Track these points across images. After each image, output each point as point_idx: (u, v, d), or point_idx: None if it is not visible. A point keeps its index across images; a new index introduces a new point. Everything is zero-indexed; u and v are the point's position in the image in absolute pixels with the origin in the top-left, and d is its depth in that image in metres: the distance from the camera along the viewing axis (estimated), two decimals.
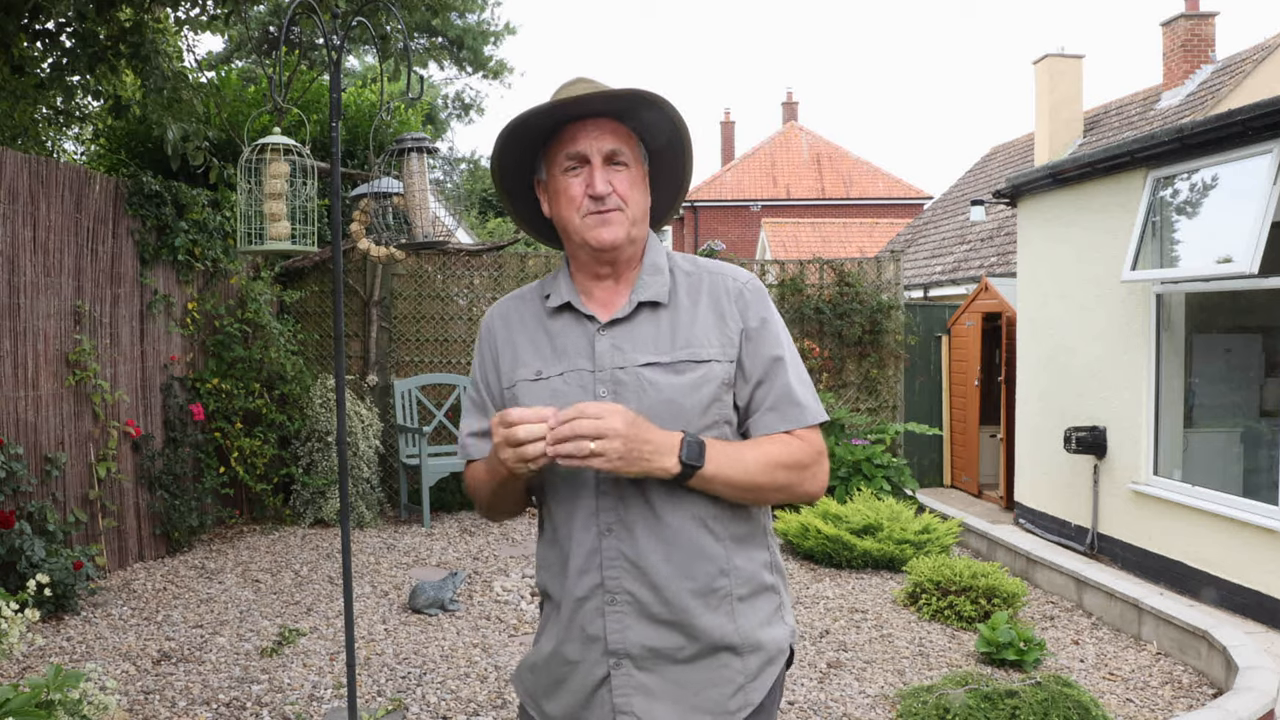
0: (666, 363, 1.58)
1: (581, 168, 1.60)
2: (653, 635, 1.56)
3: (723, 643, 1.57)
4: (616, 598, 1.56)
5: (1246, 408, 6.45)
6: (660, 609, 1.56)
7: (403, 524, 7.28)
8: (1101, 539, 6.65)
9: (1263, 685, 3.80)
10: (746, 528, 1.62)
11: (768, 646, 1.61)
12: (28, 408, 5.06)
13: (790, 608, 1.71)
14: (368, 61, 21.49)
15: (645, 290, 1.64)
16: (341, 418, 3.35)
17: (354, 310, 7.87)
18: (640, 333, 1.61)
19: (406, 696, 3.94)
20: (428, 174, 3.67)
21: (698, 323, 1.62)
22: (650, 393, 1.56)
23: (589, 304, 1.66)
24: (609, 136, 1.61)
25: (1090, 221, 6.83)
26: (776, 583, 1.67)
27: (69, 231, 5.41)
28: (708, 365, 1.58)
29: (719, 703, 1.57)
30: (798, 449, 1.60)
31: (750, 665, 1.59)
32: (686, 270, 1.68)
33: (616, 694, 1.57)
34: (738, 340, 1.61)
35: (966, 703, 3.48)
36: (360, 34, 7.59)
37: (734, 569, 1.59)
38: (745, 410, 1.62)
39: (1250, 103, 5.40)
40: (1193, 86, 14.26)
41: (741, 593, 1.60)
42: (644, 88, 1.58)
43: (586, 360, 1.61)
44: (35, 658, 4.23)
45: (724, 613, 1.57)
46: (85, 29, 5.99)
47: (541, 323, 1.68)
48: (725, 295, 1.64)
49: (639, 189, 1.64)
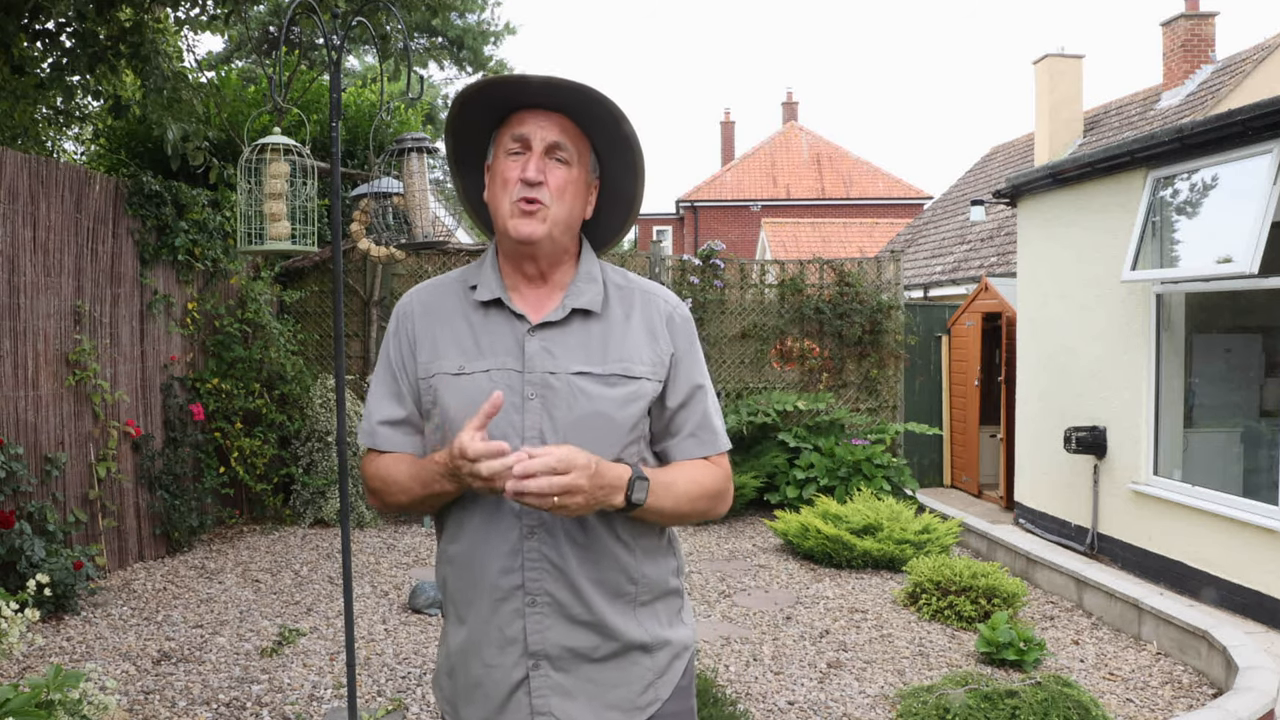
0: (599, 374, 1.56)
1: (524, 153, 1.58)
2: (571, 636, 1.58)
3: (635, 642, 1.61)
4: (537, 599, 1.56)
5: (1246, 408, 6.45)
6: (579, 610, 1.57)
7: (403, 524, 7.28)
8: (1101, 539, 6.65)
9: (1263, 685, 3.80)
10: (656, 539, 1.66)
11: (674, 644, 1.67)
12: (28, 408, 5.06)
13: (690, 609, 1.77)
14: (368, 61, 21.48)
15: (579, 297, 1.61)
16: (341, 418, 3.35)
17: (354, 310, 7.87)
18: (572, 339, 1.58)
19: (406, 696, 3.94)
20: (428, 174, 3.67)
21: (630, 338, 1.61)
22: (582, 402, 1.54)
23: (518, 302, 1.62)
24: (555, 128, 1.58)
25: (1090, 221, 6.83)
26: (680, 586, 1.72)
27: (69, 231, 5.41)
28: (639, 382, 1.58)
29: (630, 699, 1.61)
30: (719, 477, 1.65)
31: (659, 662, 1.65)
32: (618, 284, 1.67)
33: (535, 695, 1.57)
34: (667, 362, 1.61)
35: (966, 703, 3.48)
36: (360, 34, 7.59)
37: (642, 576, 1.63)
38: (663, 433, 1.64)
39: (1250, 103, 5.40)
40: (1193, 86, 14.26)
41: (645, 598, 1.64)
42: (594, 87, 1.55)
43: (514, 360, 1.57)
44: (35, 658, 4.23)
45: (629, 616, 1.61)
46: (85, 29, 5.99)
47: (465, 314, 1.64)
48: (657, 315, 1.64)
49: (574, 192, 1.60)
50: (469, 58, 19.38)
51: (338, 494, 7.13)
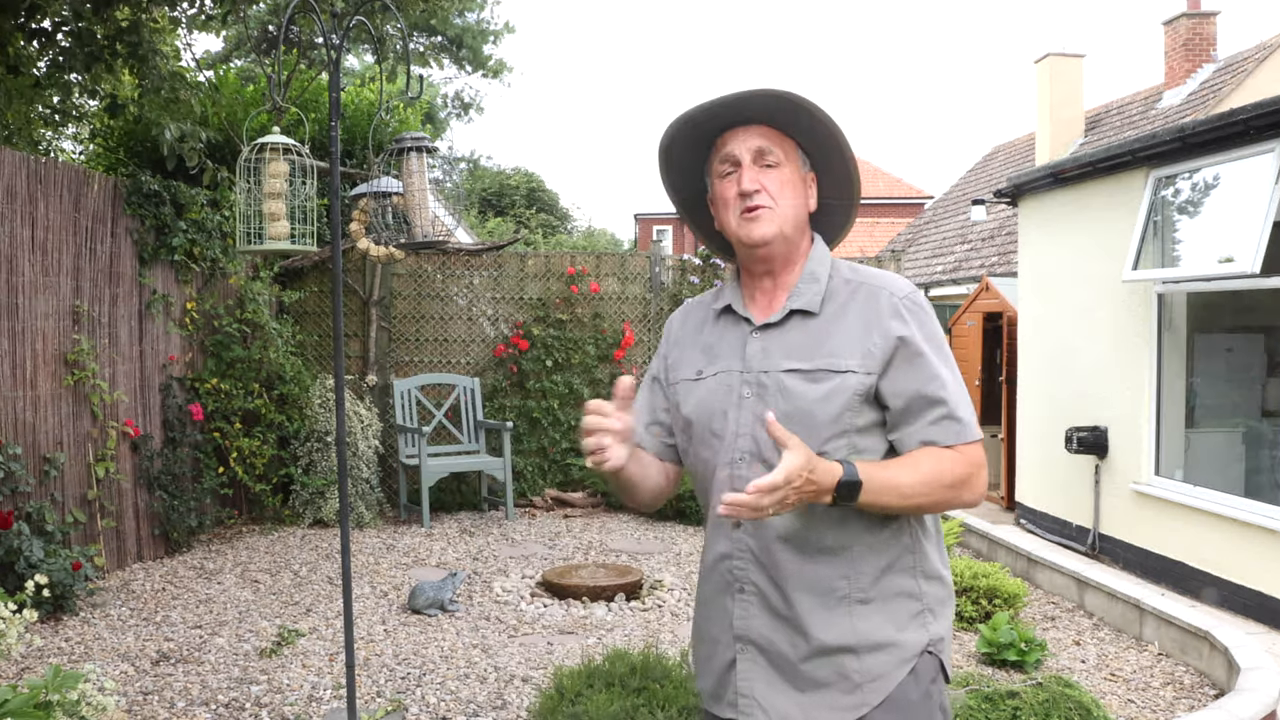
0: (806, 369, 1.62)
1: (735, 170, 1.67)
2: (773, 628, 1.63)
3: (835, 645, 1.59)
4: (745, 587, 1.65)
5: (1248, 408, 6.44)
6: (780, 603, 1.62)
7: (402, 524, 7.27)
8: (1103, 539, 6.64)
9: (1265, 686, 3.79)
10: (883, 535, 1.62)
11: (892, 649, 1.60)
12: (26, 408, 5.04)
13: (941, 615, 1.67)
14: (367, 60, 21.47)
15: (799, 298, 1.67)
16: (341, 418, 3.34)
17: (353, 310, 7.85)
18: (789, 339, 1.66)
19: (406, 697, 3.93)
20: (427, 173, 3.66)
21: (842, 332, 1.63)
22: (786, 399, 1.61)
23: (749, 306, 1.73)
24: (757, 137, 1.66)
25: (1091, 221, 6.82)
26: (918, 588, 1.64)
27: (67, 231, 5.40)
28: (843, 376, 1.60)
29: (831, 700, 1.60)
30: (959, 465, 1.60)
31: (869, 665, 1.59)
32: (846, 278, 1.70)
33: (740, 679, 1.65)
34: (883, 354, 1.60)
35: (967, 703, 3.46)
36: (359, 34, 7.58)
37: (857, 573, 1.60)
38: (897, 421, 1.62)
39: (1252, 102, 5.39)
40: (1194, 86, 14.24)
41: (863, 596, 1.61)
42: (766, 88, 1.62)
43: (737, 361, 1.69)
44: (34, 658, 4.22)
45: (838, 614, 1.60)
46: (82, 28, 5.97)
47: (707, 324, 1.78)
48: (879, 307, 1.64)
49: (792, 189, 1.68)
50: (468, 56, 19.39)
51: (337, 494, 7.13)
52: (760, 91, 1.63)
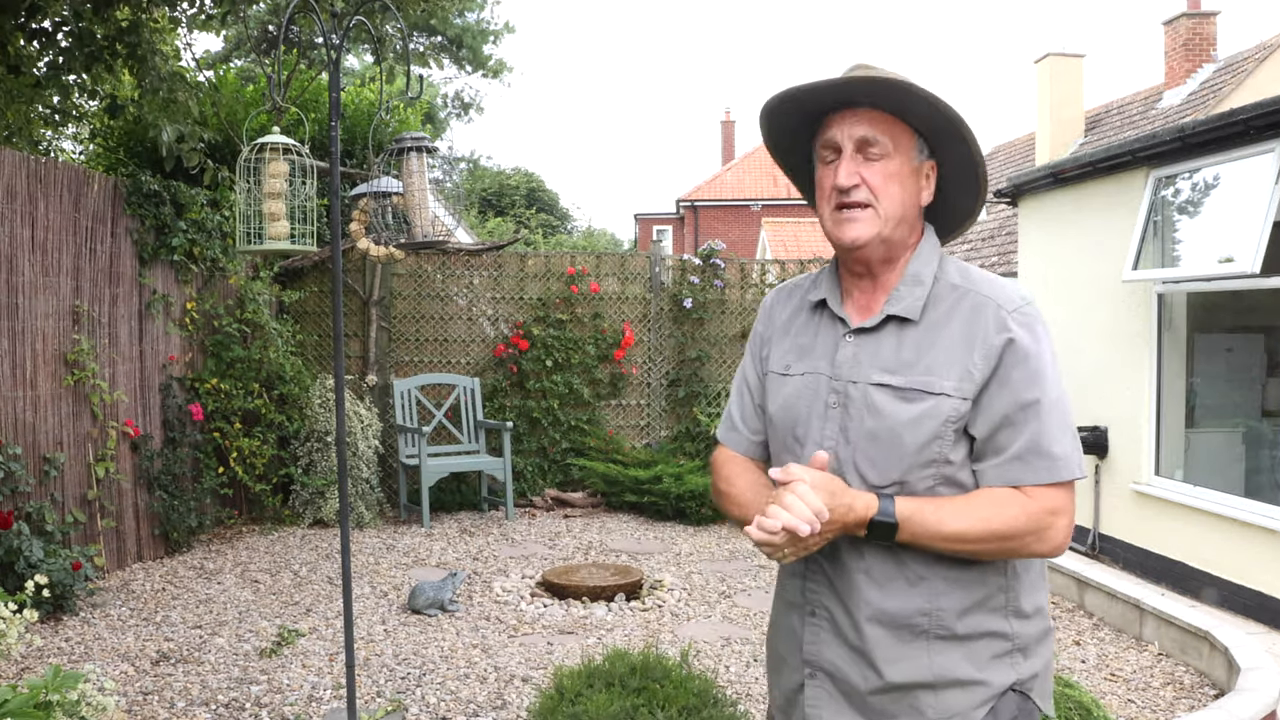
0: (897, 386, 1.48)
1: (836, 158, 1.52)
2: (843, 658, 1.53)
3: (908, 681, 1.49)
4: (816, 611, 1.56)
5: (1248, 408, 6.44)
6: (851, 633, 1.51)
7: (402, 524, 7.27)
8: (1103, 539, 6.64)
9: (1265, 686, 3.78)
10: (973, 570, 1.49)
11: (974, 687, 1.48)
12: (26, 408, 5.04)
13: (1034, 654, 1.54)
14: (367, 60, 21.47)
15: (898, 303, 1.53)
16: (341, 418, 3.34)
17: (353, 310, 7.85)
18: (882, 348, 1.52)
19: (406, 697, 3.93)
20: (427, 173, 3.66)
21: (941, 347, 1.48)
22: (872, 417, 1.48)
23: (846, 305, 1.58)
24: (864, 124, 1.49)
25: (1092, 221, 6.82)
26: (1009, 629, 1.50)
27: (67, 231, 5.40)
28: (937, 399, 1.45)
29: None
30: (1026, 512, 1.42)
31: (946, 702, 1.48)
32: (954, 283, 1.54)
33: (808, 704, 1.57)
34: (982, 374, 1.45)
35: None
36: (359, 34, 7.58)
37: (939, 609, 1.48)
38: (982, 452, 1.47)
39: (1252, 101, 5.39)
40: (1194, 85, 14.25)
41: (945, 633, 1.48)
42: (870, 73, 1.46)
43: (826, 364, 1.56)
44: (33, 658, 4.22)
45: (917, 649, 1.48)
46: (82, 28, 5.97)
47: (802, 315, 1.64)
48: (985, 321, 1.48)
49: (900, 183, 1.51)
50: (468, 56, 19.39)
51: (337, 494, 7.13)
52: (863, 79, 1.46)
